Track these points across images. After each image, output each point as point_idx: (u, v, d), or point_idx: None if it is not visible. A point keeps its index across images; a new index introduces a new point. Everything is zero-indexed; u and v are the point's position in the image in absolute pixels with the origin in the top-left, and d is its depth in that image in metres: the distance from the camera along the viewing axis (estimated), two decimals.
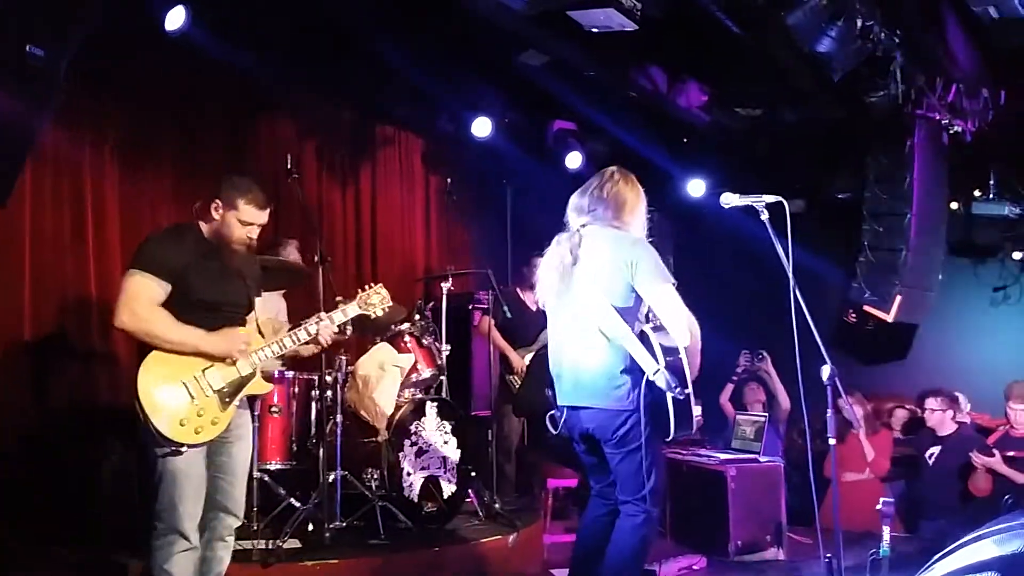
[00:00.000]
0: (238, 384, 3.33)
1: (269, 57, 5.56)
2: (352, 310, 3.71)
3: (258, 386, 3.43)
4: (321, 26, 5.52)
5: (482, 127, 6.73)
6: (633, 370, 3.37)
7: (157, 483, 3.18)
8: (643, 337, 3.38)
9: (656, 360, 3.30)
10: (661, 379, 3.27)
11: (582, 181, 3.74)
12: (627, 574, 3.45)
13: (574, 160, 7.22)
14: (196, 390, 3.22)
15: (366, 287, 3.83)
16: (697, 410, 3.53)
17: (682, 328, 3.34)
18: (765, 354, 6.64)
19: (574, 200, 3.65)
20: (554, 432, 3.64)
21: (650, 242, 3.58)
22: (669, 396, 3.28)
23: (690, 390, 3.33)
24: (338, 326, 3.70)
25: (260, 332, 3.51)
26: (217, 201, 3.36)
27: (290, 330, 3.55)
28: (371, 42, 5.63)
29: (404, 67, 5.90)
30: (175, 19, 4.73)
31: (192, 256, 3.30)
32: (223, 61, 5.26)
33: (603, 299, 3.39)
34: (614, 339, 3.37)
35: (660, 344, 3.35)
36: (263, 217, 3.45)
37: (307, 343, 3.61)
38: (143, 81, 5.35)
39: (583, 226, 3.57)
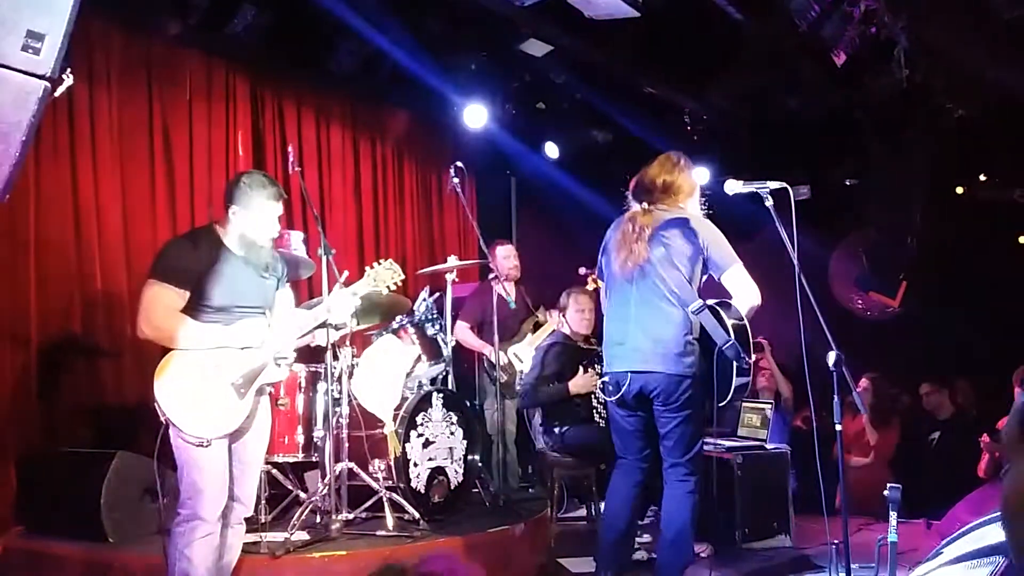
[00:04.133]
0: (254, 374, 3.38)
1: (266, 45, 5.54)
2: (363, 287, 3.71)
3: (275, 373, 3.47)
4: (316, 12, 5.50)
5: (487, 118, 6.72)
6: (698, 339, 3.67)
7: (181, 469, 3.27)
8: (714, 311, 3.66)
9: (728, 332, 3.58)
10: (732, 349, 3.55)
11: (575, 169, 3.90)
12: (685, 540, 3.78)
13: (552, 150, 7.26)
14: (214, 384, 3.28)
15: (374, 264, 3.82)
16: None
17: (752, 302, 3.69)
18: (765, 343, 6.64)
19: (641, 180, 3.92)
20: (604, 398, 3.94)
21: None
22: (735, 365, 3.57)
23: (752, 358, 3.65)
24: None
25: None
26: (233, 207, 3.40)
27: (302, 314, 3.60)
28: (370, 29, 5.61)
29: (405, 54, 5.90)
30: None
31: (208, 262, 3.34)
32: (221, 50, 5.26)
33: (678, 274, 3.67)
34: (688, 311, 3.64)
35: (726, 317, 3.65)
36: (280, 207, 3.50)
37: (320, 326, 3.68)
38: (140, 71, 5.35)
39: (650, 204, 3.84)
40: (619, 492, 3.93)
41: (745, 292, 3.70)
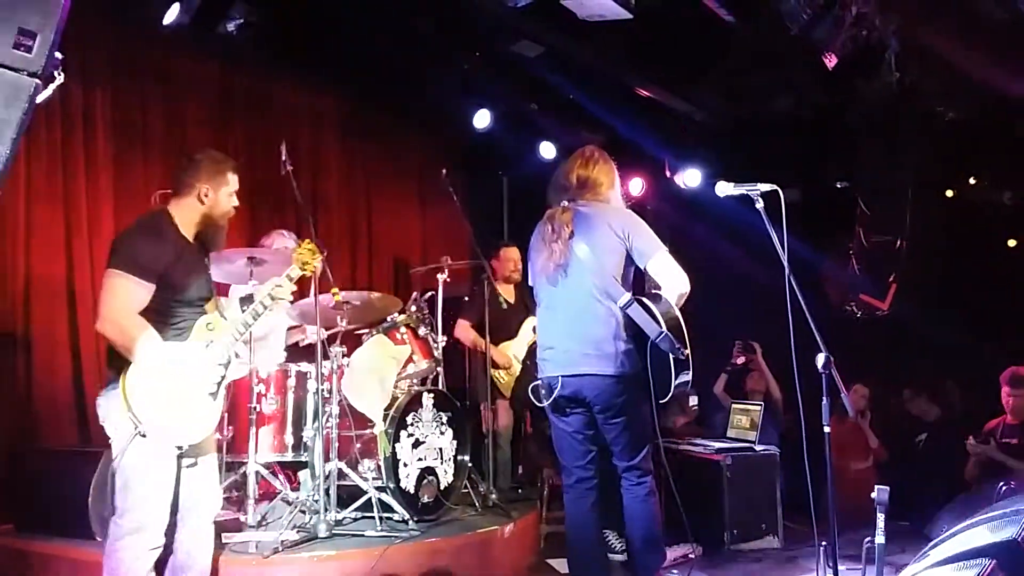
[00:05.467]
0: (220, 377, 3.28)
1: (259, 45, 5.54)
2: (295, 272, 3.51)
3: (236, 370, 3.38)
4: (311, 12, 5.49)
5: (480, 118, 6.74)
6: (632, 337, 3.54)
7: (130, 479, 3.11)
8: (642, 303, 3.53)
9: (659, 324, 3.45)
10: (666, 342, 3.43)
11: None
12: (654, 542, 3.70)
13: (547, 150, 7.28)
14: (186, 387, 3.17)
15: (298, 245, 3.63)
16: (693, 400, 3.64)
17: (680, 289, 3.55)
18: (756, 345, 6.65)
19: (557, 179, 3.85)
20: (538, 404, 3.77)
21: None
22: (671, 358, 3.43)
23: (688, 350, 3.48)
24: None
25: (221, 315, 3.40)
26: (204, 186, 3.28)
27: (245, 311, 3.42)
28: (363, 28, 5.60)
29: (398, 54, 5.89)
30: (170, 14, 4.74)
31: (174, 253, 3.20)
32: (214, 50, 5.25)
33: (602, 269, 3.56)
34: (616, 306, 3.52)
35: (656, 310, 3.51)
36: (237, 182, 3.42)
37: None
38: (134, 71, 5.34)
39: (569, 202, 3.74)
40: (576, 518, 3.79)
41: (672, 279, 3.57)
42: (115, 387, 3.10)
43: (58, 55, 1.72)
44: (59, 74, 1.75)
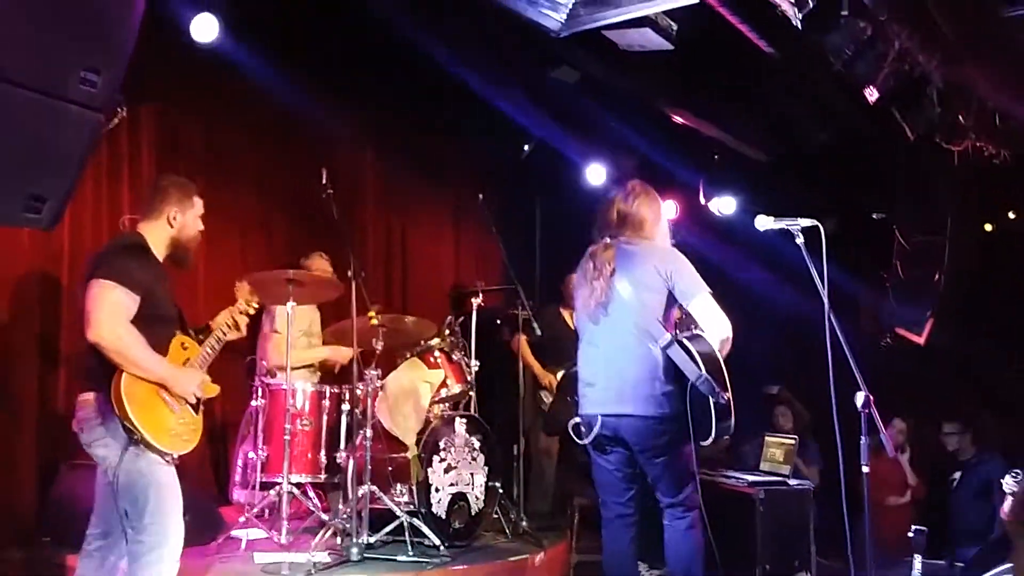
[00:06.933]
0: (195, 398, 3.34)
1: (298, 66, 5.61)
2: (241, 305, 3.74)
3: (209, 389, 3.43)
4: (349, 33, 5.56)
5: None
6: (673, 377, 3.48)
7: (143, 493, 3.11)
8: (681, 345, 3.47)
9: (699, 366, 3.39)
10: (705, 385, 3.37)
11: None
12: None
13: (595, 175, 7.25)
14: (173, 400, 3.22)
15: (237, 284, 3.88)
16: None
17: (721, 333, 3.50)
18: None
19: (600, 215, 3.82)
20: (580, 442, 3.74)
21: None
22: (711, 401, 3.38)
23: (729, 394, 3.43)
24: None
25: (188, 334, 3.49)
26: (173, 209, 3.38)
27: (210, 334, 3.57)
28: (402, 52, 5.66)
29: (436, 78, 5.94)
30: (203, 30, 4.78)
31: (155, 270, 3.31)
32: (255, 73, 5.32)
33: (644, 308, 3.53)
34: (656, 347, 3.48)
35: (699, 351, 3.45)
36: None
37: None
38: (176, 92, 5.42)
39: (612, 238, 3.71)
40: (614, 553, 3.77)
41: (714, 322, 3.53)
42: (96, 404, 3.13)
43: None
44: (121, 109, 1.79)
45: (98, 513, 3.29)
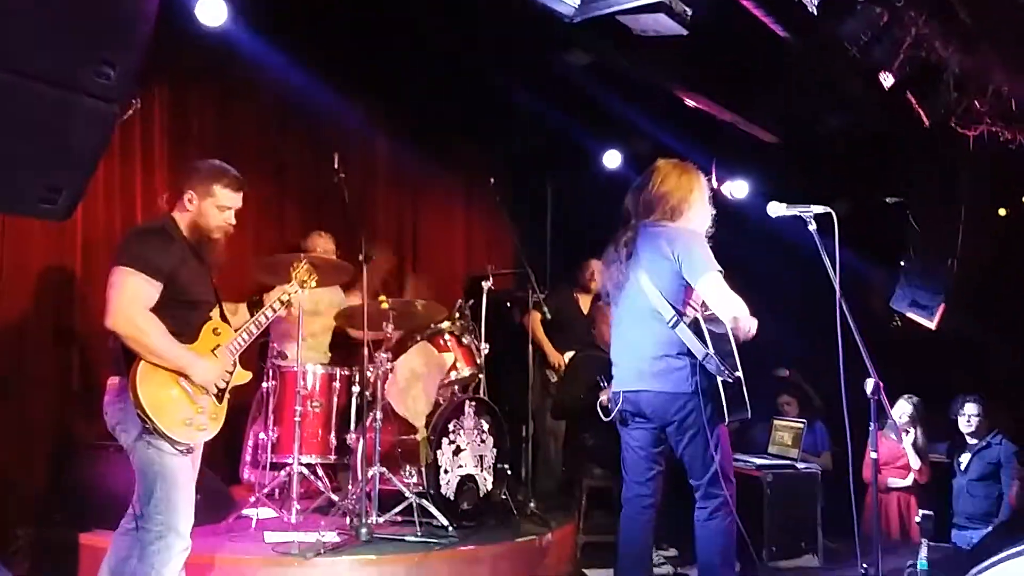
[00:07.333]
0: (224, 383, 3.33)
1: (309, 51, 5.60)
2: (292, 288, 3.72)
3: (240, 376, 3.42)
4: (360, 17, 5.54)
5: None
6: (689, 354, 3.59)
7: (151, 482, 3.12)
8: (695, 323, 3.59)
9: (706, 345, 3.50)
10: (710, 363, 3.49)
11: (623, 180, 3.88)
12: (722, 563, 3.70)
13: (612, 159, 7.23)
14: (192, 389, 3.19)
15: (294, 265, 3.84)
16: None
17: (729, 312, 3.54)
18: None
19: (628, 198, 3.94)
20: (605, 419, 3.90)
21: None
22: (719, 380, 3.49)
23: (739, 373, 3.51)
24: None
25: (225, 319, 3.44)
26: (190, 192, 3.30)
27: (253, 317, 3.51)
28: (414, 37, 5.65)
29: (447, 64, 5.93)
30: (210, 13, 4.77)
31: (180, 254, 3.24)
32: (266, 58, 5.32)
33: (654, 289, 3.65)
34: (666, 325, 3.60)
35: (710, 330, 3.56)
36: (239, 199, 3.40)
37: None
38: (188, 79, 5.42)
39: (636, 221, 3.84)
40: (629, 533, 3.84)
41: (722, 301, 3.56)
42: (118, 389, 3.15)
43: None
44: (136, 100, 1.80)
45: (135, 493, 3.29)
